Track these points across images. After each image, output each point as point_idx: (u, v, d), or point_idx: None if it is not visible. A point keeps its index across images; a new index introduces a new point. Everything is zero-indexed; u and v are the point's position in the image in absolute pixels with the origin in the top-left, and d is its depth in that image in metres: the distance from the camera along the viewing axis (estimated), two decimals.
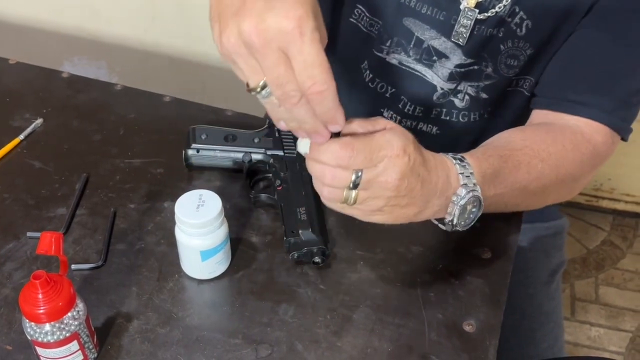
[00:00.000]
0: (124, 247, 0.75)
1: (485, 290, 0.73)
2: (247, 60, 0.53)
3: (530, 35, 0.79)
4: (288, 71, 0.52)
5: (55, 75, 0.97)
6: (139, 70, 1.68)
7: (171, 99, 0.95)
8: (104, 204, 0.80)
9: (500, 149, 0.71)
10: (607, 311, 1.66)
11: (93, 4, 1.59)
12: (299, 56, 0.51)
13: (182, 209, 0.68)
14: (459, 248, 0.77)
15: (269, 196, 0.80)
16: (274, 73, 0.52)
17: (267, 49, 0.51)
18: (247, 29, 0.51)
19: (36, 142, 0.87)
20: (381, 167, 0.57)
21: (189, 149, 0.82)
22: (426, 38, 0.82)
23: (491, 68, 0.83)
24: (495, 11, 0.77)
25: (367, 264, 0.75)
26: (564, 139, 0.75)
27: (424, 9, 0.80)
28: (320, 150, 0.57)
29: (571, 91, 0.78)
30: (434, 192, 0.63)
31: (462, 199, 0.64)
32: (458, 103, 0.88)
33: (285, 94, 0.53)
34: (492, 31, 0.79)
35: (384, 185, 0.58)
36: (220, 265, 0.72)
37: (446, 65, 0.84)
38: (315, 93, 0.52)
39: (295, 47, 0.51)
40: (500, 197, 0.70)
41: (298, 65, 0.51)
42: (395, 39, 0.84)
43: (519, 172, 0.71)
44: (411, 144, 0.59)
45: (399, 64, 0.86)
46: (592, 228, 1.85)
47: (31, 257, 0.73)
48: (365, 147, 0.56)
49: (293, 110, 0.54)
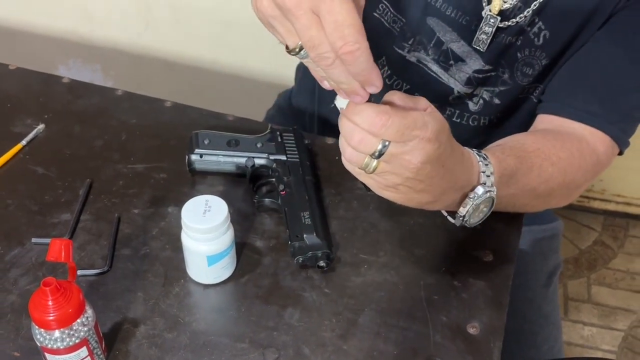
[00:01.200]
0: (129, 252, 0.75)
1: (487, 292, 0.74)
2: (282, 22, 0.54)
3: (546, 45, 0.81)
4: (320, 32, 0.52)
5: (55, 81, 0.97)
6: (133, 73, 1.68)
7: (172, 103, 0.95)
8: (108, 210, 0.80)
9: (516, 150, 0.72)
10: (600, 310, 1.68)
11: (87, 8, 1.59)
12: (329, 16, 0.51)
13: (189, 215, 0.68)
14: (460, 251, 0.78)
15: (272, 201, 0.80)
16: (307, 35, 0.52)
17: (299, 10, 0.51)
18: None
19: (38, 147, 0.87)
20: (410, 146, 0.57)
21: (192, 154, 0.83)
22: (447, 40, 0.83)
23: (507, 75, 0.84)
24: (516, 21, 0.79)
25: (371, 267, 0.76)
26: (571, 146, 0.76)
27: (448, 10, 0.81)
28: (355, 110, 0.56)
29: (579, 99, 0.79)
30: (453, 185, 0.63)
31: (479, 198, 0.65)
32: (472, 106, 0.89)
33: (319, 55, 0.52)
34: (511, 39, 0.81)
35: (406, 165, 0.57)
36: (225, 270, 0.72)
37: (463, 70, 0.85)
38: (347, 53, 0.52)
39: (325, 7, 0.51)
40: (512, 197, 0.72)
41: (328, 25, 0.51)
42: (418, 38, 0.85)
43: (531, 174, 0.72)
44: (445, 132, 0.59)
45: (417, 62, 0.87)
46: (584, 228, 1.87)
47: (37, 263, 0.73)
48: (401, 120, 0.55)
49: (328, 70, 0.54)
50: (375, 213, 0.82)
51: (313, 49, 0.52)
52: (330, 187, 0.84)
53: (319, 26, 0.51)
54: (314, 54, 0.53)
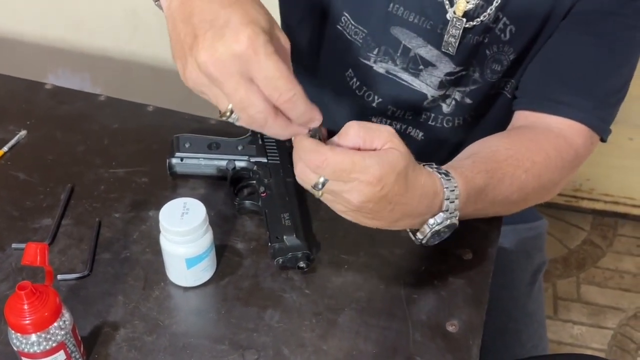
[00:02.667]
0: (110, 256, 0.76)
1: (467, 290, 0.74)
2: (211, 89, 0.55)
3: (513, 40, 0.81)
4: (248, 93, 0.53)
5: (38, 87, 0.98)
6: (122, 80, 1.68)
7: (154, 108, 0.95)
8: (89, 214, 0.80)
9: (487, 162, 0.71)
10: (589, 309, 1.69)
11: (75, 17, 1.59)
12: (259, 73, 0.52)
13: (167, 218, 0.68)
14: (440, 250, 0.78)
15: (253, 203, 0.81)
16: (236, 98, 0.53)
17: (226, 76, 0.52)
18: (203, 61, 0.53)
19: (20, 154, 0.87)
20: (348, 186, 0.57)
21: (172, 157, 0.83)
22: (413, 46, 0.84)
23: (478, 73, 0.85)
24: (481, 19, 0.79)
25: (351, 267, 0.76)
26: (548, 146, 0.76)
27: (411, 17, 0.81)
28: (297, 145, 0.58)
29: (551, 91, 0.80)
30: (408, 214, 0.63)
31: (439, 225, 0.65)
32: (445, 108, 0.89)
33: (251, 117, 0.54)
34: (478, 38, 0.81)
35: (347, 201, 0.59)
36: (205, 273, 0.73)
37: (434, 74, 0.85)
38: (285, 102, 0.54)
39: (254, 66, 0.52)
40: (481, 210, 0.72)
41: (261, 82, 0.53)
42: (383, 48, 0.85)
43: (502, 186, 0.71)
44: (394, 174, 0.58)
45: (386, 72, 0.87)
46: (573, 228, 1.87)
47: (16, 268, 0.74)
48: (338, 163, 0.56)
49: (263, 130, 0.56)
50: None
51: (243, 110, 0.54)
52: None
53: (247, 87, 0.53)
54: (245, 116, 0.54)
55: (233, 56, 0.52)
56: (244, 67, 0.52)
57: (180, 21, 0.56)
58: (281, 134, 0.57)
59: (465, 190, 0.66)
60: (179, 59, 0.56)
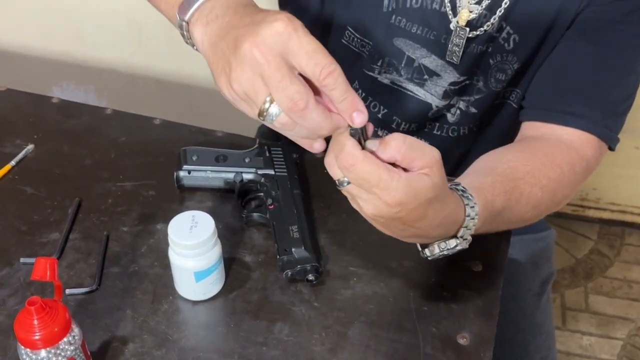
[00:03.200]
0: (118, 270, 0.75)
1: (477, 302, 0.74)
2: (253, 83, 0.54)
3: (517, 49, 0.81)
4: (290, 73, 0.53)
5: (45, 101, 0.98)
6: (127, 93, 1.69)
7: (161, 121, 0.95)
8: (97, 228, 0.80)
9: (506, 181, 0.70)
10: (598, 320, 1.68)
11: (79, 30, 1.60)
12: (300, 50, 0.52)
13: (175, 231, 0.68)
14: (450, 262, 0.77)
15: (261, 215, 0.80)
16: (277, 78, 0.53)
17: (269, 56, 0.52)
18: (247, 48, 0.53)
19: (27, 168, 0.87)
20: (366, 196, 0.57)
21: (180, 170, 0.83)
22: (417, 57, 0.84)
23: (482, 82, 0.85)
24: (484, 29, 0.79)
25: (360, 279, 0.76)
26: (561, 160, 0.76)
27: (414, 28, 0.81)
28: (336, 134, 0.56)
29: (559, 102, 0.80)
30: (420, 235, 0.62)
31: (449, 250, 0.65)
32: (450, 118, 0.89)
33: (292, 99, 0.53)
34: (481, 48, 0.81)
35: (362, 207, 0.58)
36: (214, 286, 0.72)
37: (439, 84, 0.85)
38: (328, 76, 0.53)
39: (294, 43, 0.52)
40: (494, 229, 0.72)
41: (302, 59, 0.53)
42: (387, 59, 0.85)
43: (519, 205, 0.71)
44: (415, 202, 0.56)
45: (391, 83, 0.87)
46: (580, 237, 1.86)
47: (25, 283, 0.73)
48: (364, 172, 0.55)
49: (305, 117, 0.54)
50: (364, 226, 0.80)
51: (284, 92, 0.53)
52: (319, 200, 0.84)
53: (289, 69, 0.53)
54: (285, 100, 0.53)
55: (275, 34, 0.52)
56: (286, 47, 0.52)
57: (221, 39, 0.57)
58: (322, 125, 0.55)
59: (483, 214, 0.66)
60: (222, 73, 0.56)
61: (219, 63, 0.57)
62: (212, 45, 0.59)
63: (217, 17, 0.59)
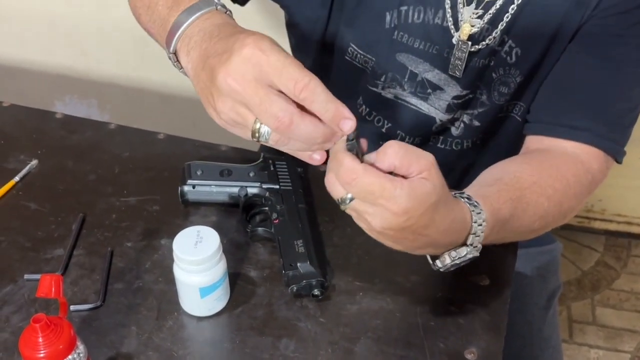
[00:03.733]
0: (122, 286, 0.75)
1: (485, 317, 0.73)
2: (238, 109, 0.56)
3: (519, 62, 0.81)
4: (268, 94, 0.54)
5: (49, 116, 0.98)
6: (129, 107, 1.69)
7: (165, 136, 0.95)
8: (101, 244, 0.79)
9: (512, 190, 0.70)
10: (605, 332, 1.66)
11: (82, 44, 1.60)
12: (270, 68, 0.53)
13: (180, 246, 0.68)
14: (457, 276, 0.77)
15: (265, 230, 0.80)
16: (256, 101, 0.54)
17: (244, 83, 0.54)
18: (222, 79, 0.54)
19: (31, 183, 0.87)
20: (372, 209, 0.56)
21: (184, 185, 0.83)
22: (420, 71, 0.84)
23: (485, 96, 0.85)
24: (486, 43, 0.79)
25: (366, 294, 0.75)
26: (567, 172, 0.75)
27: (416, 43, 0.81)
28: (333, 152, 0.56)
29: (564, 116, 0.79)
30: (430, 245, 0.62)
31: (460, 258, 0.64)
32: (454, 131, 0.89)
33: (277, 119, 0.54)
34: (484, 61, 0.81)
35: (369, 222, 0.58)
36: (219, 302, 0.72)
37: (442, 97, 0.85)
38: (303, 89, 0.53)
39: (264, 64, 0.53)
40: (502, 239, 0.71)
41: (274, 77, 0.53)
42: (390, 74, 0.85)
43: (526, 215, 0.70)
44: (421, 208, 0.56)
45: (395, 98, 0.87)
46: (586, 249, 1.85)
47: (29, 300, 0.73)
48: (367, 185, 0.54)
49: (294, 133, 0.54)
50: (369, 240, 0.80)
51: (267, 113, 0.54)
52: (324, 214, 0.84)
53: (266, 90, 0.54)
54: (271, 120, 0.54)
55: (244, 61, 0.54)
56: (257, 70, 0.54)
57: (201, 69, 0.59)
58: (314, 136, 0.55)
59: (491, 222, 0.65)
60: (208, 105, 0.59)
61: (204, 93, 0.59)
62: (195, 76, 0.61)
63: (196, 44, 0.62)
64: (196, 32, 0.62)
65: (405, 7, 0.80)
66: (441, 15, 0.79)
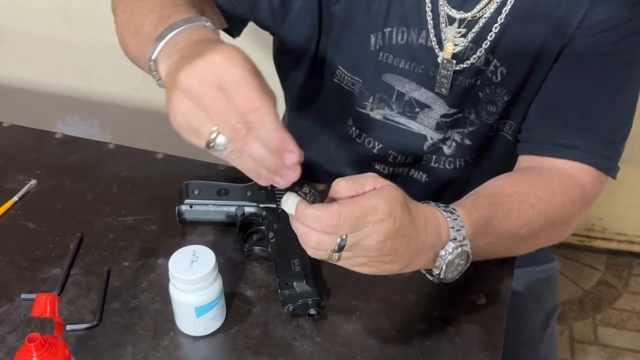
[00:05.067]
0: (119, 305, 0.75)
1: (481, 336, 0.73)
2: (195, 114, 0.55)
3: (505, 81, 0.82)
4: (227, 103, 0.53)
5: (48, 136, 0.99)
6: (130, 127, 1.70)
7: (163, 155, 0.96)
8: (98, 263, 0.80)
9: (490, 198, 0.72)
10: (607, 352, 1.65)
11: (83, 65, 1.62)
12: (231, 80, 0.53)
13: (176, 266, 0.68)
14: (453, 294, 0.77)
15: (262, 249, 0.80)
16: (215, 108, 0.53)
17: (205, 87, 0.53)
18: (184, 77, 0.54)
19: (30, 203, 0.88)
20: (365, 232, 0.58)
21: (182, 204, 0.83)
22: (407, 90, 0.84)
23: (474, 115, 0.85)
24: (471, 62, 0.80)
25: (362, 314, 0.75)
26: (552, 183, 0.76)
27: (401, 64, 0.82)
28: (306, 216, 0.58)
29: (554, 135, 0.80)
30: (421, 248, 0.63)
31: (450, 255, 0.65)
32: (446, 150, 0.89)
33: (232, 129, 0.53)
34: (470, 81, 0.82)
35: (367, 248, 0.59)
36: (215, 321, 0.72)
37: (431, 116, 0.86)
38: (252, 111, 0.53)
39: (226, 74, 0.53)
40: (491, 245, 0.71)
41: (234, 91, 0.53)
42: (378, 95, 0.86)
43: (509, 220, 0.71)
44: (399, 206, 0.59)
45: (384, 118, 0.88)
46: (587, 268, 1.85)
47: (25, 319, 0.73)
48: (351, 214, 0.56)
49: (247, 148, 0.55)
50: None
51: (225, 122, 0.54)
52: None
53: (228, 100, 0.53)
54: (227, 129, 0.54)
55: (210, 65, 0.53)
56: (219, 79, 0.53)
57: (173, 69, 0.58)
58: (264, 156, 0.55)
59: (469, 220, 0.67)
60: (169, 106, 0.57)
61: (167, 94, 0.58)
62: (168, 76, 0.60)
63: (178, 50, 0.61)
64: (181, 40, 0.62)
65: (389, 29, 0.81)
66: (424, 35, 0.80)
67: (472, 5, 0.77)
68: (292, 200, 0.59)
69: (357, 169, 0.94)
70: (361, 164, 0.93)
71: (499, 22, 0.77)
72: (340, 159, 0.95)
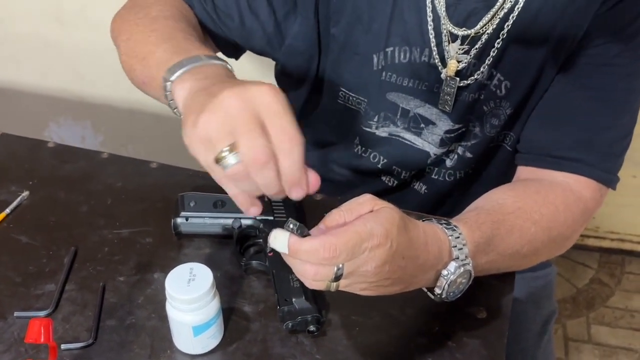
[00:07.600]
0: (115, 322, 0.74)
1: (482, 351, 0.72)
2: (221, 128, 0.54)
3: (509, 95, 0.81)
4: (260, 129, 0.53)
5: (40, 146, 0.97)
6: (123, 129, 1.68)
7: (158, 165, 0.94)
8: (93, 278, 0.78)
9: (493, 214, 0.71)
10: (601, 351, 1.66)
11: (76, 66, 1.60)
12: (273, 114, 0.53)
13: (173, 284, 0.67)
14: (453, 308, 0.76)
15: (260, 262, 0.79)
16: (245, 129, 0.53)
17: (244, 110, 0.53)
18: (225, 95, 0.54)
19: (22, 215, 0.86)
20: (362, 259, 0.57)
21: (177, 217, 0.82)
22: (411, 107, 0.84)
23: (478, 128, 0.85)
24: (475, 77, 0.79)
25: (362, 329, 0.74)
26: (555, 199, 0.75)
27: (405, 82, 0.81)
28: (300, 252, 0.57)
29: (554, 147, 0.79)
30: (421, 268, 0.62)
31: (453, 274, 0.64)
32: (448, 162, 0.89)
33: (255, 150, 0.53)
34: (474, 96, 0.81)
35: (365, 274, 0.58)
36: (213, 339, 0.71)
37: (435, 132, 0.85)
38: (287, 139, 0.53)
39: (272, 106, 0.53)
40: (493, 263, 0.71)
41: (272, 122, 0.53)
42: (382, 114, 0.85)
43: (511, 237, 0.71)
44: (395, 228, 0.58)
45: (389, 135, 0.87)
46: (580, 267, 1.85)
47: (19, 338, 0.72)
48: (347, 244, 0.56)
49: (261, 172, 0.54)
50: None
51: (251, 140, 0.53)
52: None
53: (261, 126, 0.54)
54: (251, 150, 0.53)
55: (259, 92, 0.54)
56: (263, 107, 0.54)
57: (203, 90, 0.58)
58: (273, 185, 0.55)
59: (471, 238, 0.66)
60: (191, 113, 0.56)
61: (193, 106, 0.57)
62: (192, 94, 0.60)
63: (206, 78, 0.61)
64: (210, 73, 0.63)
65: (391, 49, 0.80)
66: (427, 53, 0.79)
67: (474, 22, 0.76)
68: (281, 237, 0.58)
69: (361, 179, 0.94)
70: (365, 178, 0.93)
71: (501, 38, 0.76)
72: (343, 175, 0.95)
